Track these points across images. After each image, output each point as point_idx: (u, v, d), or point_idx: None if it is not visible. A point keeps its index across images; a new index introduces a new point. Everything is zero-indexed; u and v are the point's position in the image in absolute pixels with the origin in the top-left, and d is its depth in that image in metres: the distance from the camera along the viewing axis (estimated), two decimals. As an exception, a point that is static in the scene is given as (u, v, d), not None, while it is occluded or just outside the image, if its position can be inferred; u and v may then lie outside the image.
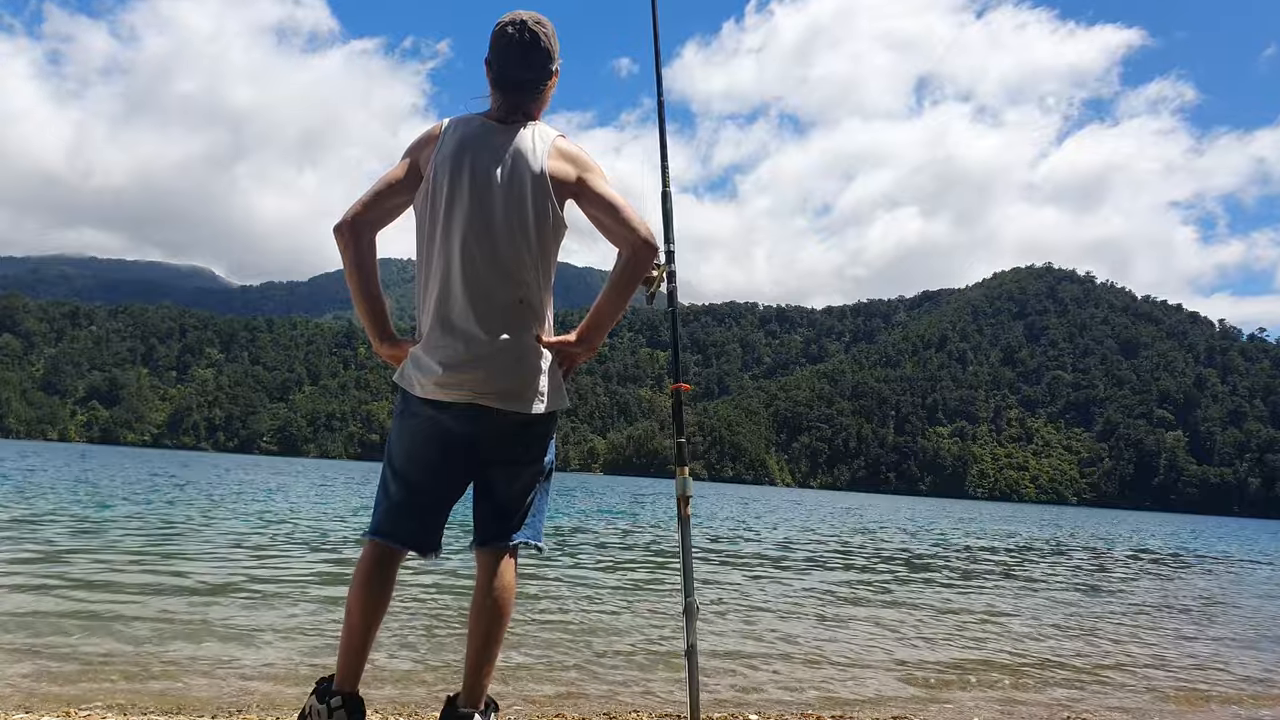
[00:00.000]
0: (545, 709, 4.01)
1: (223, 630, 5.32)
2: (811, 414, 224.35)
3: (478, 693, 2.57)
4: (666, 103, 3.25)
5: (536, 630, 5.92)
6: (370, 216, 2.54)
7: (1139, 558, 19.70)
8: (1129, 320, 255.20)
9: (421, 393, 2.55)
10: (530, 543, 2.69)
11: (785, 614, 7.43)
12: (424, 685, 4.36)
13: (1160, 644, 7.30)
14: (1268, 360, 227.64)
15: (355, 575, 2.61)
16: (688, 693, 2.88)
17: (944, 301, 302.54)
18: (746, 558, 12.61)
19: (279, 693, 4.07)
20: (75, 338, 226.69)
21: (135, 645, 4.81)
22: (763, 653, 5.71)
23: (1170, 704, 5.11)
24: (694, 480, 3.02)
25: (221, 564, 8.39)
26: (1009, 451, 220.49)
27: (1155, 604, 10.46)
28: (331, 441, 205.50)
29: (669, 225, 3.08)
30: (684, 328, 5.30)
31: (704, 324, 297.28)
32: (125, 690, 3.97)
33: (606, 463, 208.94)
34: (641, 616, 6.78)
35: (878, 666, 5.56)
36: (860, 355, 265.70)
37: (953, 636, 6.90)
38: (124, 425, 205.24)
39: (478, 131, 2.58)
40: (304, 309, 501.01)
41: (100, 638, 4.91)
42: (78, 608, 5.72)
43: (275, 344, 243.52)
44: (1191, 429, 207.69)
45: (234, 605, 6.20)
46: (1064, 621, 8.23)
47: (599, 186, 2.57)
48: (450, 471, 2.63)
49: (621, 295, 2.61)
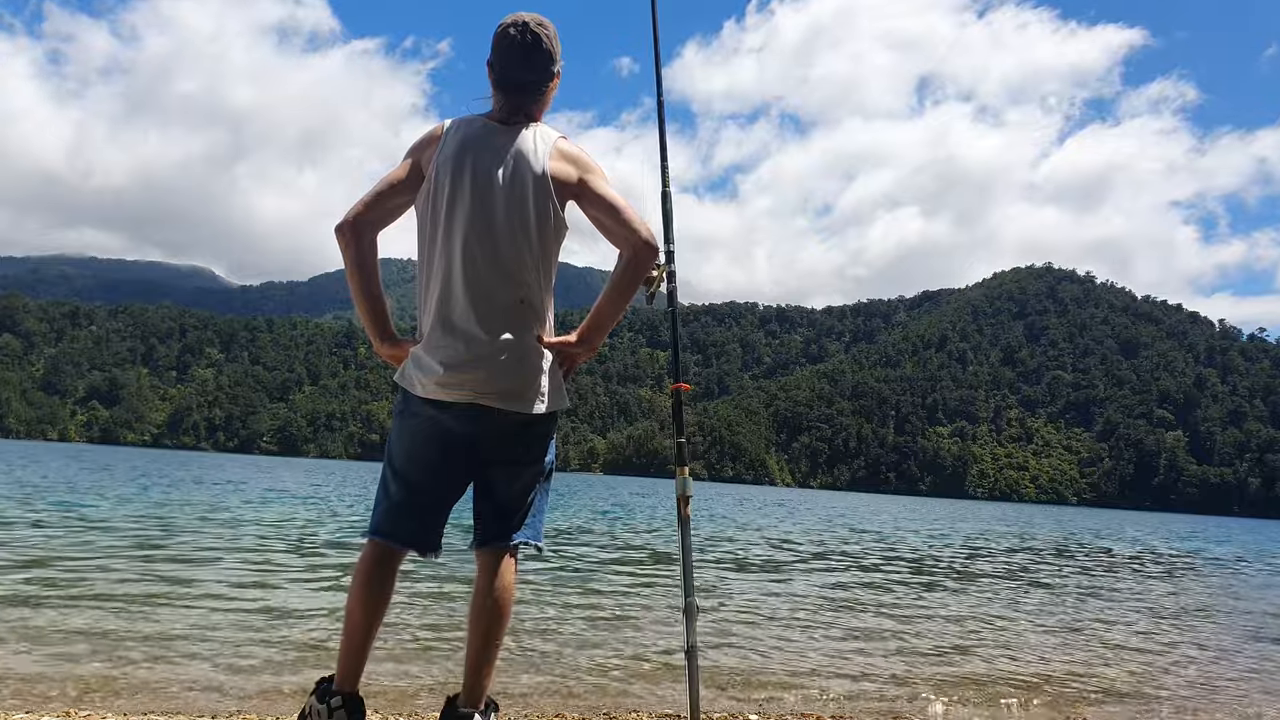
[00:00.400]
0: (545, 709, 4.01)
1: (222, 630, 5.32)
2: (811, 414, 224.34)
3: (478, 693, 2.57)
4: (666, 103, 3.25)
5: (536, 631, 5.92)
6: (372, 216, 2.55)
7: (1161, 561, 19.70)
8: (1129, 320, 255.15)
9: (422, 392, 2.55)
10: (530, 543, 2.69)
11: (785, 614, 7.43)
12: (424, 685, 4.36)
13: (1175, 653, 7.30)
14: (1268, 360, 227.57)
15: (355, 575, 2.61)
16: (688, 693, 2.88)
17: (944, 301, 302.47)
18: (747, 558, 12.61)
19: (279, 693, 4.07)
20: (75, 338, 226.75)
21: (134, 646, 4.80)
22: (763, 653, 5.72)
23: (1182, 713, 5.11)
24: (694, 480, 3.03)
25: (221, 564, 8.40)
26: (1009, 451, 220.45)
27: (1167, 609, 10.45)
28: (331, 441, 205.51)
29: (669, 225, 3.09)
30: (684, 328, 5.29)
31: (704, 324, 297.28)
32: (125, 690, 3.97)
33: (606, 463, 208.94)
34: (641, 617, 6.78)
35: (878, 667, 5.57)
36: (860, 355, 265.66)
37: (953, 638, 6.90)
38: (124, 425, 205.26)
39: (479, 132, 2.59)
40: (304, 309, 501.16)
41: (100, 638, 4.91)
42: (77, 608, 5.71)
43: (275, 344, 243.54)
44: (1191, 429, 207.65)
45: (233, 605, 6.20)
46: (1065, 623, 8.23)
47: (600, 187, 2.59)
48: (450, 471, 2.63)
49: (622, 296, 2.62)
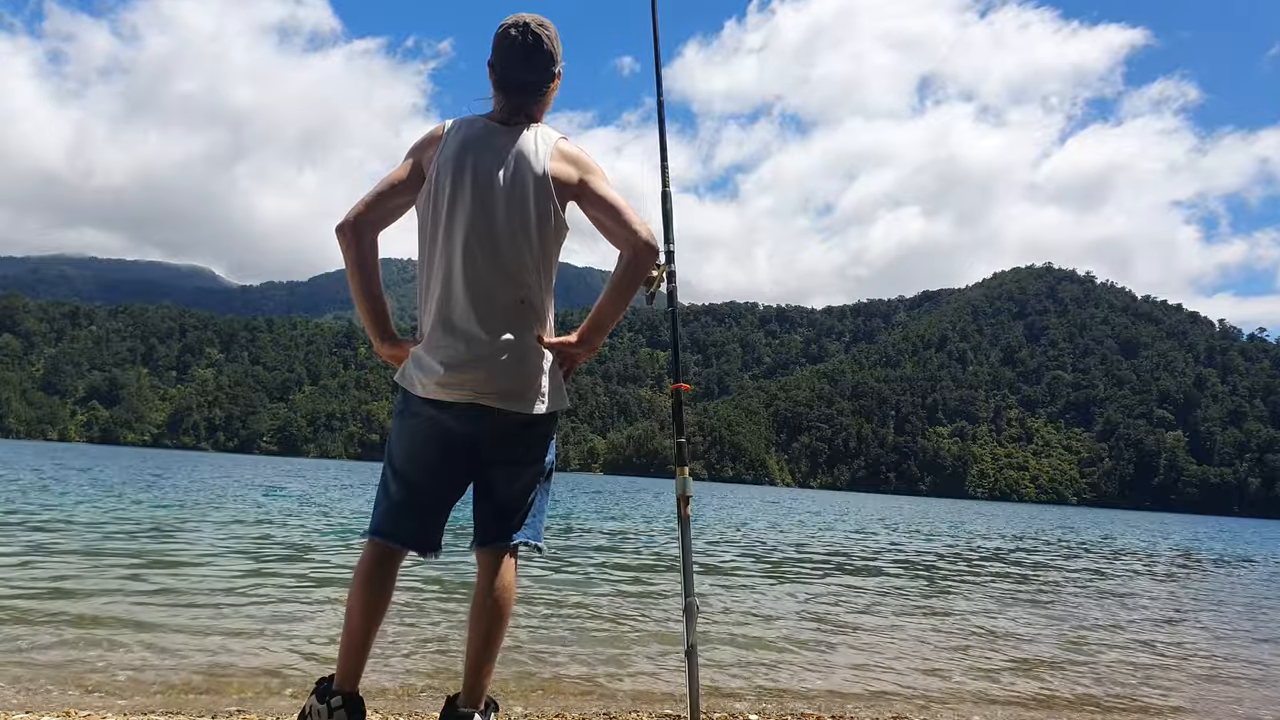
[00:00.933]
0: (545, 709, 4.00)
1: (222, 631, 5.31)
2: (811, 414, 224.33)
3: (478, 692, 2.57)
4: (667, 103, 3.24)
5: (536, 630, 5.91)
6: (372, 217, 2.55)
7: (1187, 562, 19.70)
8: (1129, 320, 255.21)
9: (423, 392, 2.55)
10: (530, 543, 2.69)
11: (785, 615, 7.42)
12: (424, 685, 4.35)
13: (1179, 652, 7.29)
14: (1268, 360, 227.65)
15: (355, 575, 2.61)
16: (688, 693, 2.88)
17: (944, 301, 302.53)
18: (747, 559, 12.60)
19: (279, 693, 4.07)
20: (75, 338, 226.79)
21: (134, 646, 4.80)
22: (763, 653, 5.71)
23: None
24: (694, 480, 3.01)
25: (219, 564, 8.39)
26: (1009, 451, 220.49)
27: (1178, 611, 10.45)
28: (331, 441, 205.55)
29: (669, 225, 3.09)
30: (684, 328, 5.29)
31: (704, 324, 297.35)
32: (125, 690, 3.97)
33: (606, 463, 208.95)
34: (641, 617, 6.78)
35: (879, 668, 5.56)
36: (860, 355, 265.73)
37: (955, 639, 6.89)
38: (124, 425, 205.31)
39: (480, 133, 2.60)
40: (304, 309, 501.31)
41: (99, 638, 4.91)
42: (77, 607, 5.71)
43: (275, 344, 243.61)
44: (1191, 429, 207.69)
45: (232, 605, 6.19)
46: (1064, 624, 8.23)
47: (600, 188, 2.59)
48: (451, 471, 2.63)
49: (623, 296, 2.62)
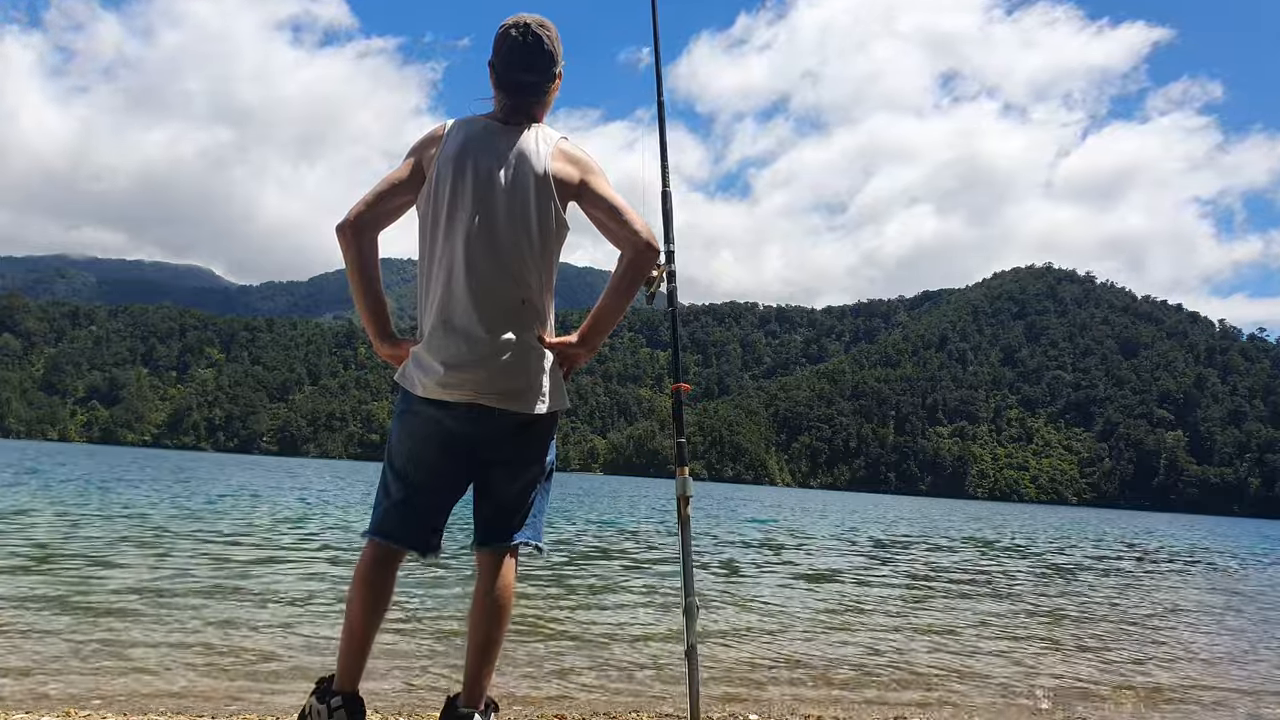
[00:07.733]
0: (545, 709, 4.00)
1: (221, 630, 5.31)
2: (811, 414, 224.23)
3: (478, 693, 2.58)
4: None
5: (536, 630, 5.91)
6: (372, 216, 2.55)
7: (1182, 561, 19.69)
8: (1129, 320, 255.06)
9: (423, 392, 2.55)
10: (531, 543, 2.69)
11: (786, 615, 7.42)
12: (424, 685, 4.35)
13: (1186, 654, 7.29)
14: (1268, 360, 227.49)
15: (355, 575, 2.62)
16: (688, 693, 2.87)
17: (944, 301, 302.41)
18: (746, 559, 12.60)
19: (279, 692, 4.07)
20: (75, 338, 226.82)
21: (134, 646, 4.80)
22: (763, 653, 5.71)
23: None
24: (694, 480, 3.02)
25: (218, 564, 8.39)
26: (1009, 451, 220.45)
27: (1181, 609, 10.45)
28: (331, 441, 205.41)
29: (669, 225, 3.09)
30: (684, 328, 5.29)
31: (704, 324, 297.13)
32: (125, 690, 3.96)
33: (606, 463, 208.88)
34: (641, 617, 6.78)
35: (879, 668, 5.56)
36: (860, 355, 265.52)
37: (957, 639, 6.89)
38: (124, 425, 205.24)
39: (481, 133, 2.60)
40: (304, 309, 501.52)
41: (99, 638, 4.91)
42: (77, 607, 5.71)
43: (275, 344, 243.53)
44: (1191, 429, 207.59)
45: (232, 605, 6.19)
46: (1066, 625, 8.23)
47: (601, 188, 2.60)
48: (451, 471, 2.63)
49: (623, 297, 2.63)
